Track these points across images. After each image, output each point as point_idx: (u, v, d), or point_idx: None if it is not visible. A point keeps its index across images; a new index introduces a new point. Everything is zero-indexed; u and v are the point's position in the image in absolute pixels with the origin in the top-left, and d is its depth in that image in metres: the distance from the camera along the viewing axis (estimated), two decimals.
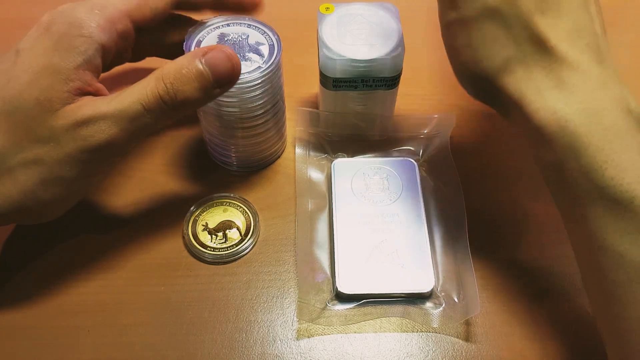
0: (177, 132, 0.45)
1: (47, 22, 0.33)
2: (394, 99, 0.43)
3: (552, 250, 0.39)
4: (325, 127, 0.44)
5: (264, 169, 0.44)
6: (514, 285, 0.38)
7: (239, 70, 0.34)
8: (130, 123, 0.32)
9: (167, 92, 0.32)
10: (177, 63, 0.32)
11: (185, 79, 0.32)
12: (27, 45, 0.33)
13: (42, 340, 0.35)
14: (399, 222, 0.39)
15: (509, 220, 0.41)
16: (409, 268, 0.37)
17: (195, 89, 0.32)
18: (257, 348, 0.35)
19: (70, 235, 0.39)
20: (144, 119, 0.32)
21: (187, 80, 0.32)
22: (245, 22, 0.38)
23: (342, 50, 0.38)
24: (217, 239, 0.39)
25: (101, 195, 0.42)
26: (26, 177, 0.32)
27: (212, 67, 0.32)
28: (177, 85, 0.32)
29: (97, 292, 0.37)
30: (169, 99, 0.32)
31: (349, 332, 0.36)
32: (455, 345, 0.35)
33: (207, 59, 0.32)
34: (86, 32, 0.32)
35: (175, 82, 0.32)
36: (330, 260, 0.38)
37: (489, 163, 0.43)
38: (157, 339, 0.35)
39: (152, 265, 0.38)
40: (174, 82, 0.32)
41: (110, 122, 0.31)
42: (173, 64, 0.32)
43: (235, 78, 0.34)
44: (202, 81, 0.32)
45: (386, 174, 0.42)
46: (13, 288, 0.37)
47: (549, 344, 0.35)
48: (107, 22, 0.33)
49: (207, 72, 0.32)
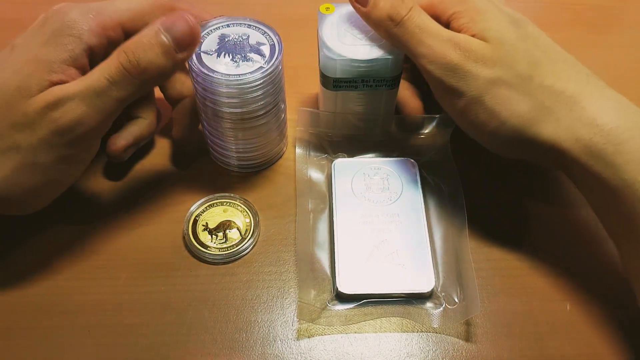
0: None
1: (42, 20, 0.35)
2: (394, 99, 0.43)
3: (552, 250, 0.39)
4: (326, 127, 0.44)
5: (265, 169, 0.44)
6: (514, 285, 0.38)
7: (197, 32, 0.34)
8: (98, 99, 0.32)
9: (129, 61, 0.32)
10: (138, 34, 0.33)
11: (145, 46, 0.32)
12: (21, 41, 0.34)
13: (42, 340, 0.35)
14: (399, 222, 0.39)
15: (509, 220, 0.41)
16: (409, 268, 0.37)
17: (156, 55, 0.32)
18: (257, 348, 0.35)
19: (71, 235, 0.39)
20: (110, 92, 0.32)
21: (148, 47, 0.32)
22: (246, 23, 0.38)
23: (342, 50, 0.38)
24: (217, 239, 0.39)
25: (101, 195, 0.42)
26: (5, 165, 0.32)
27: (169, 31, 0.33)
28: (138, 52, 0.32)
29: (97, 292, 0.37)
30: (132, 67, 0.32)
31: (349, 332, 0.36)
32: (455, 345, 0.35)
33: (163, 22, 0.33)
34: (76, 32, 0.34)
35: (136, 51, 0.32)
36: (331, 260, 0.38)
37: (489, 163, 0.43)
38: (157, 339, 0.35)
39: (152, 265, 0.38)
40: (135, 51, 0.32)
41: (77, 100, 0.32)
42: (134, 36, 0.33)
43: (195, 40, 0.34)
44: (162, 46, 0.32)
45: (386, 174, 0.42)
46: (13, 288, 0.37)
47: (549, 344, 0.35)
48: (99, 27, 0.34)
49: (166, 36, 0.32)
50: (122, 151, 0.40)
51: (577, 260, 0.39)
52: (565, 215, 0.41)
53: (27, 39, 0.34)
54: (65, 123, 0.32)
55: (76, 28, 0.34)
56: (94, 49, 0.34)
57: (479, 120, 0.35)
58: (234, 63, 0.36)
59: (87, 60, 0.34)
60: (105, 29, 0.35)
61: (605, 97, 0.34)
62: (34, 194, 0.34)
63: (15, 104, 0.32)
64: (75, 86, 0.32)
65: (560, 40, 0.37)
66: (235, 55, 0.36)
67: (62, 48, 0.33)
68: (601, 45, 0.55)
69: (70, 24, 0.34)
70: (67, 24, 0.34)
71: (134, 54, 0.32)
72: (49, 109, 0.32)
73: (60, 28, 0.33)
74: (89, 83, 0.32)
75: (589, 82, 0.34)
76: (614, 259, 0.39)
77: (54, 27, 0.34)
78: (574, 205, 0.42)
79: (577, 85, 0.34)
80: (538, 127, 0.34)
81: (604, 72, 0.36)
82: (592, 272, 0.38)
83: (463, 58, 0.34)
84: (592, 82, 0.34)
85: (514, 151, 0.37)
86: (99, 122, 0.33)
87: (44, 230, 0.39)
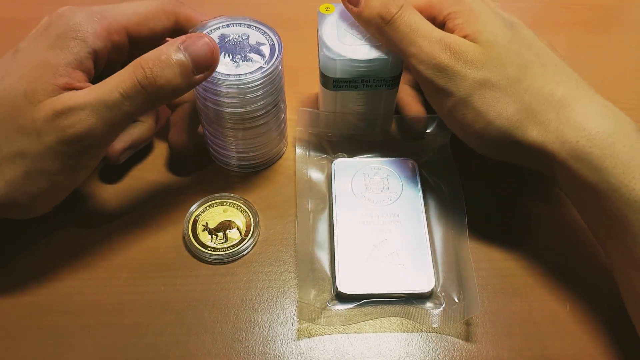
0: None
1: (46, 23, 0.34)
2: (394, 99, 0.43)
3: (552, 249, 0.39)
4: (326, 127, 0.44)
5: (265, 169, 0.44)
6: (514, 285, 0.38)
7: (217, 55, 0.34)
8: (109, 112, 0.32)
9: (146, 78, 0.32)
10: (156, 50, 0.32)
11: (164, 65, 0.32)
12: (25, 45, 0.34)
13: (42, 340, 0.35)
14: (399, 222, 0.39)
15: (509, 220, 0.41)
16: (409, 268, 0.37)
17: (174, 75, 0.32)
18: (257, 348, 0.35)
19: (71, 235, 0.39)
20: (122, 107, 0.32)
21: (166, 65, 0.32)
22: (246, 23, 0.38)
23: (342, 50, 0.38)
24: (217, 239, 0.39)
25: (101, 195, 0.42)
26: (11, 170, 0.32)
27: (190, 53, 0.32)
28: (156, 70, 0.32)
29: (97, 292, 0.37)
30: (148, 84, 0.32)
31: (349, 332, 0.36)
32: (455, 345, 0.35)
33: (186, 45, 0.32)
34: (81, 36, 0.33)
35: (154, 68, 0.32)
36: (331, 260, 0.38)
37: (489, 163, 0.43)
38: (157, 339, 0.35)
39: (152, 265, 0.38)
40: (153, 68, 0.32)
41: (88, 111, 0.31)
42: (152, 52, 0.32)
43: (214, 64, 0.34)
44: (181, 66, 0.32)
45: (386, 174, 0.42)
46: (13, 288, 0.37)
47: (549, 344, 0.35)
48: (104, 30, 0.34)
49: (186, 57, 0.32)
50: (119, 154, 0.40)
51: (577, 260, 0.39)
52: (565, 215, 0.41)
53: (31, 42, 0.34)
54: (73, 133, 0.31)
55: (81, 31, 0.33)
56: (98, 53, 0.34)
57: (466, 121, 0.35)
58: (234, 63, 0.36)
59: (92, 63, 0.34)
60: (110, 33, 0.35)
61: (593, 101, 0.34)
62: (38, 199, 0.34)
63: (22, 110, 0.32)
64: (86, 96, 0.32)
65: (560, 40, 0.37)
66: (235, 55, 0.36)
67: (67, 51, 0.33)
68: (601, 45, 0.55)
69: (75, 27, 0.33)
70: (72, 27, 0.33)
71: (152, 70, 0.32)
72: (57, 116, 0.31)
73: (65, 31, 0.33)
74: (101, 95, 0.31)
75: (578, 87, 0.35)
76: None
77: (58, 30, 0.33)
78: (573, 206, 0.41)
79: (565, 89, 0.34)
80: (525, 129, 0.34)
81: (604, 72, 0.36)
82: (592, 272, 0.38)
83: (452, 59, 0.35)
84: (581, 87, 0.35)
85: (501, 153, 0.37)
86: (106, 134, 0.33)
87: (44, 230, 0.39)
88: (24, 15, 0.55)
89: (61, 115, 0.31)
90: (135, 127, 0.41)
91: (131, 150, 0.41)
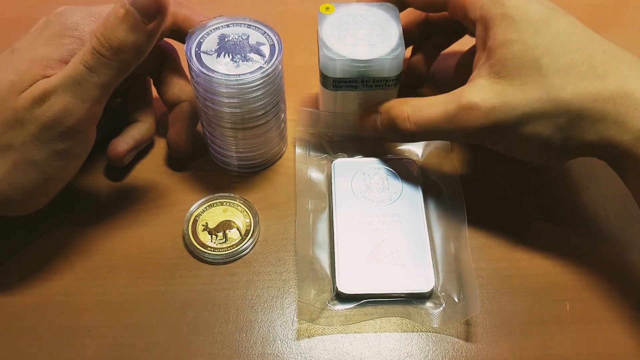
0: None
1: (44, 22, 0.35)
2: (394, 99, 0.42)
3: (552, 249, 0.39)
4: (326, 127, 0.44)
5: (265, 169, 0.44)
6: (514, 285, 0.38)
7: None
8: (79, 87, 0.32)
9: (100, 43, 0.31)
10: (106, 15, 0.32)
11: (112, 25, 0.31)
12: (23, 44, 0.34)
13: (42, 340, 0.35)
14: (399, 222, 0.39)
15: (509, 220, 0.41)
16: (409, 268, 0.37)
17: (125, 32, 0.31)
18: (257, 348, 0.35)
19: (71, 235, 0.39)
20: (91, 79, 0.32)
21: (114, 25, 0.31)
22: (246, 23, 0.38)
23: (342, 50, 0.38)
24: (217, 239, 0.39)
25: (101, 195, 0.42)
26: (1, 163, 0.32)
27: (133, 3, 0.31)
28: (107, 33, 0.31)
29: (97, 292, 0.37)
30: (104, 49, 0.31)
31: (349, 332, 0.36)
32: (455, 345, 0.35)
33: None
34: (77, 34, 0.33)
35: (105, 32, 0.31)
36: (330, 260, 0.38)
37: (489, 163, 0.43)
38: (157, 339, 0.35)
39: (152, 265, 0.38)
40: (104, 32, 0.31)
41: (60, 91, 0.31)
42: (103, 17, 0.32)
43: (162, 5, 0.32)
44: (128, 20, 0.31)
45: (386, 174, 0.42)
46: (13, 288, 0.37)
47: (549, 344, 0.35)
48: None
49: (130, 9, 0.31)
50: (123, 156, 0.40)
51: (577, 260, 0.39)
52: (565, 214, 0.41)
53: (28, 41, 0.34)
54: (51, 116, 0.31)
55: (78, 30, 0.33)
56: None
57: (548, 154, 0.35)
58: (234, 63, 0.36)
59: None
60: None
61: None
62: (32, 193, 0.34)
63: (7, 101, 0.32)
64: (56, 78, 0.32)
65: None
66: (235, 55, 0.36)
67: (62, 47, 0.33)
68: None
69: (72, 26, 0.34)
70: (69, 26, 0.34)
71: (103, 34, 0.31)
72: (35, 103, 0.31)
73: (61, 30, 0.33)
74: (68, 73, 0.32)
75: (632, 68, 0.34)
76: (614, 259, 0.39)
77: (56, 29, 0.34)
78: (574, 205, 0.41)
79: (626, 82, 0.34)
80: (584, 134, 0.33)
81: None
82: (592, 272, 0.38)
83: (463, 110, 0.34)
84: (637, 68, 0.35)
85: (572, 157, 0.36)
86: (86, 111, 0.32)
87: (44, 230, 0.39)
88: (24, 15, 0.55)
89: (38, 101, 0.31)
90: (136, 128, 0.41)
91: (135, 151, 0.41)
